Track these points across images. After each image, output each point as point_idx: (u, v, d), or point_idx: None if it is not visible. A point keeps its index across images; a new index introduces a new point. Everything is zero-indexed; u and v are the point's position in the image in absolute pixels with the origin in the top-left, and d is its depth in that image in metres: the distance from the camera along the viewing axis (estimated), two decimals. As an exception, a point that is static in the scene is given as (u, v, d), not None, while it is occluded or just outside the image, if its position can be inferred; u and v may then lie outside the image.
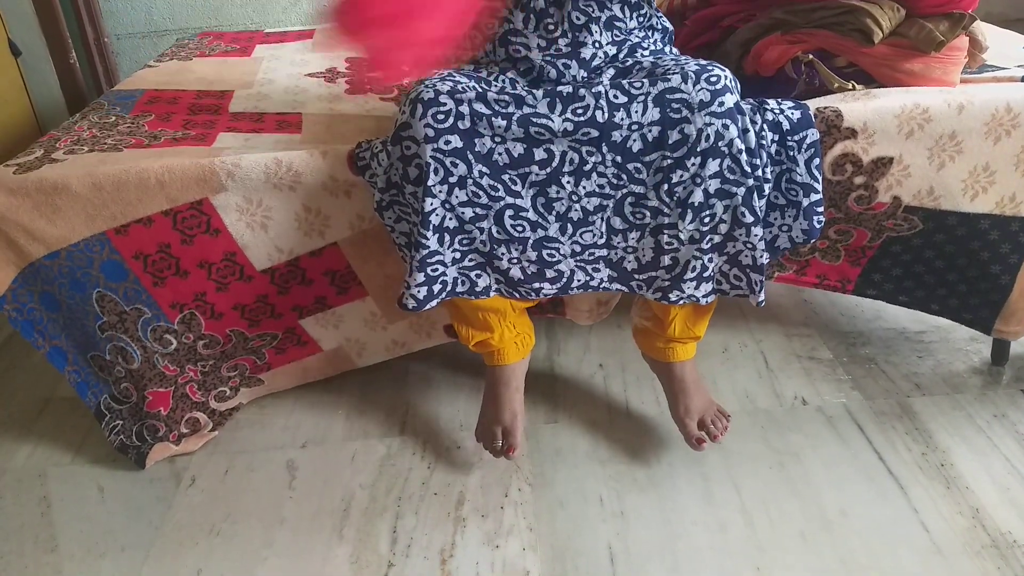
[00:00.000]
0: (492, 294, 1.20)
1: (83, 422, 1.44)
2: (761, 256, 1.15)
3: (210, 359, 1.36)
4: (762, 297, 1.19)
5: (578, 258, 1.16)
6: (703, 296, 1.20)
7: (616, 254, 1.16)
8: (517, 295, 1.20)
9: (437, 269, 1.14)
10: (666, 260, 1.14)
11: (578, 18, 1.14)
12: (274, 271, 1.29)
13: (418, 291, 1.15)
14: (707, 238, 1.13)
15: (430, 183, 1.08)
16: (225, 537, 1.20)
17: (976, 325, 1.41)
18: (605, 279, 1.19)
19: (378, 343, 1.42)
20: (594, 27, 1.15)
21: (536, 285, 1.18)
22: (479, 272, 1.17)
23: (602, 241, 1.14)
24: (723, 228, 1.13)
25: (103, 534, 1.22)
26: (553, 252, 1.14)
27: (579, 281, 1.19)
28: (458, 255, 1.14)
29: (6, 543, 1.21)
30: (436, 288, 1.16)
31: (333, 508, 1.24)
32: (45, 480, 1.33)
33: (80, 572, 1.16)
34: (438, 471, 1.30)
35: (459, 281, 1.17)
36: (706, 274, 1.17)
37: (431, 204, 1.09)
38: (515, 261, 1.15)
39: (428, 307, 1.17)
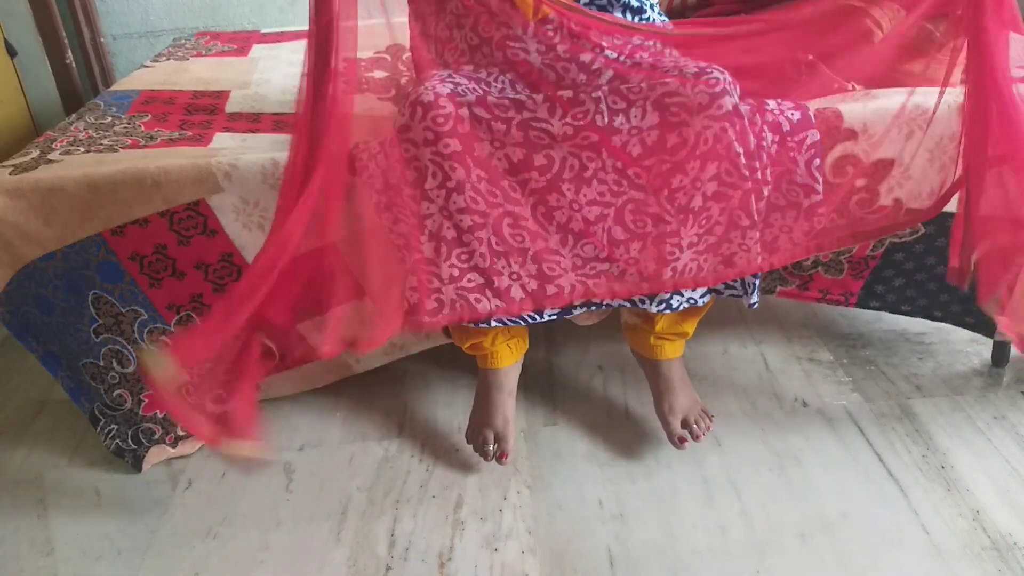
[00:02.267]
0: (494, 323, 1.18)
1: (79, 425, 1.43)
2: (756, 258, 1.15)
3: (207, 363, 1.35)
4: (755, 299, 1.19)
5: (579, 272, 1.14)
6: (700, 297, 1.19)
7: (617, 267, 1.15)
8: (522, 323, 1.19)
9: (432, 281, 1.13)
10: (667, 272, 1.13)
11: (576, 24, 1.13)
12: (271, 272, 1.28)
13: (412, 295, 1.14)
14: (703, 240, 1.13)
15: (427, 186, 1.07)
16: (222, 540, 1.19)
17: (979, 329, 1.41)
18: (607, 295, 1.18)
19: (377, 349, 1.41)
20: (593, 32, 1.14)
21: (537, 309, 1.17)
22: (478, 296, 1.15)
23: (604, 255, 1.13)
24: (718, 230, 1.12)
25: (100, 537, 1.21)
26: (553, 266, 1.13)
27: (580, 299, 1.17)
28: (456, 272, 1.12)
29: (2, 546, 1.21)
30: (432, 304, 1.14)
31: (330, 511, 1.23)
32: (41, 483, 1.33)
33: (76, 575, 1.15)
34: (436, 474, 1.30)
35: (457, 304, 1.15)
36: (702, 275, 1.16)
37: (428, 208, 1.08)
38: (515, 277, 1.13)
39: (425, 318, 1.16)
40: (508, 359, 1.30)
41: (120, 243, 1.22)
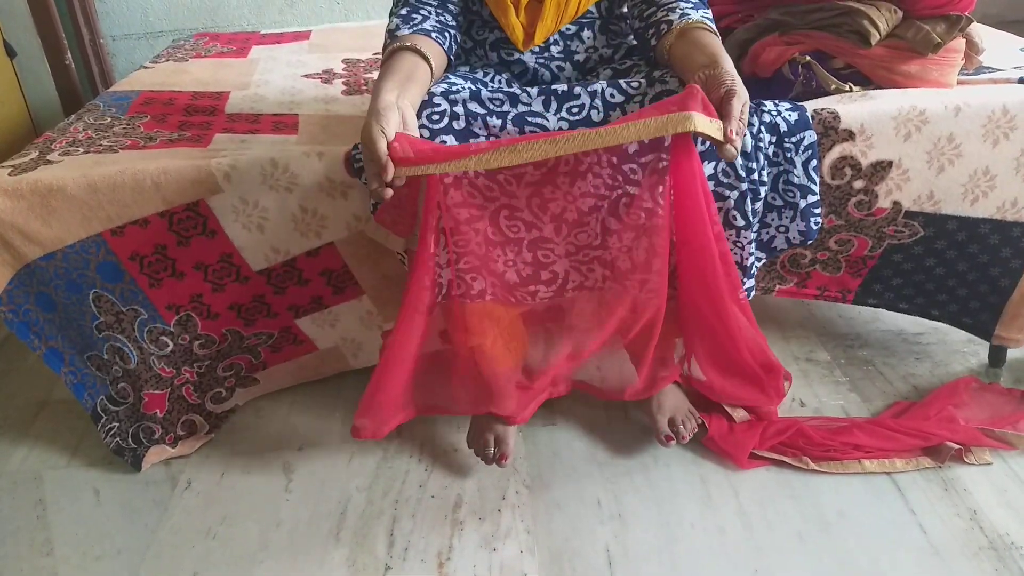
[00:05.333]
0: (488, 298, 1.19)
1: (79, 425, 1.43)
2: (748, 257, 1.15)
3: (206, 359, 1.35)
4: (740, 296, 1.19)
5: (572, 258, 1.15)
6: None
7: (610, 254, 1.16)
8: (512, 299, 1.19)
9: (434, 270, 1.14)
10: (657, 263, 1.14)
11: (569, 28, 1.14)
12: (271, 271, 1.29)
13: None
14: None
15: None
16: (221, 540, 1.20)
17: (976, 330, 1.41)
18: (599, 279, 1.19)
19: (374, 344, 1.42)
20: (586, 32, 1.14)
21: (531, 288, 1.18)
22: (475, 275, 1.17)
23: (597, 243, 1.14)
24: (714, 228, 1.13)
25: (99, 537, 1.21)
26: (548, 252, 1.14)
27: (574, 282, 1.18)
28: (454, 256, 1.14)
29: (2, 546, 1.21)
30: (435, 292, 1.16)
31: (330, 511, 1.23)
32: (41, 483, 1.33)
33: (76, 575, 1.15)
34: (435, 474, 1.30)
35: (455, 284, 1.17)
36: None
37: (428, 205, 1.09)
38: (510, 263, 1.14)
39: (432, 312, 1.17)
40: (507, 361, 1.30)
41: (120, 243, 1.23)
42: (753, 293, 1.22)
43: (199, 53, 2.01)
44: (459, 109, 1.07)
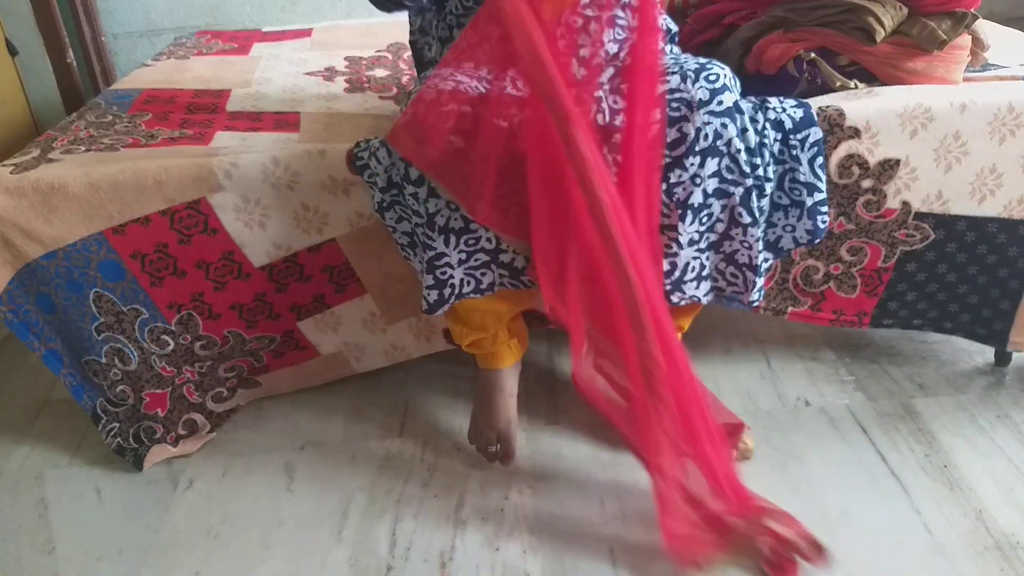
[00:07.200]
0: (497, 288, 1.19)
1: (80, 424, 1.43)
2: (757, 256, 1.14)
3: (207, 360, 1.35)
4: (755, 297, 1.18)
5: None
6: (704, 295, 1.19)
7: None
8: (521, 284, 1.19)
9: (445, 272, 1.13)
10: (665, 265, 1.13)
11: (575, 21, 1.13)
12: (272, 267, 1.28)
13: (429, 294, 1.15)
14: (704, 237, 1.12)
15: (433, 184, 1.07)
16: (223, 539, 1.19)
17: (991, 340, 1.40)
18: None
19: (377, 347, 1.41)
20: (593, 26, 1.13)
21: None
22: (484, 270, 1.16)
23: None
24: (720, 227, 1.12)
25: (101, 537, 1.21)
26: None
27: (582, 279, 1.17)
28: (464, 255, 1.13)
29: (3, 545, 1.21)
30: (446, 292, 1.15)
31: (332, 510, 1.23)
32: (42, 482, 1.33)
33: (77, 575, 1.15)
34: (438, 473, 1.29)
35: (465, 282, 1.16)
36: (704, 272, 1.16)
37: (436, 205, 1.08)
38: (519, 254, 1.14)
39: (440, 312, 1.16)
40: (509, 359, 1.30)
41: (121, 242, 1.22)
42: (761, 295, 1.21)
43: (201, 51, 2.00)
44: (467, 109, 1.06)
